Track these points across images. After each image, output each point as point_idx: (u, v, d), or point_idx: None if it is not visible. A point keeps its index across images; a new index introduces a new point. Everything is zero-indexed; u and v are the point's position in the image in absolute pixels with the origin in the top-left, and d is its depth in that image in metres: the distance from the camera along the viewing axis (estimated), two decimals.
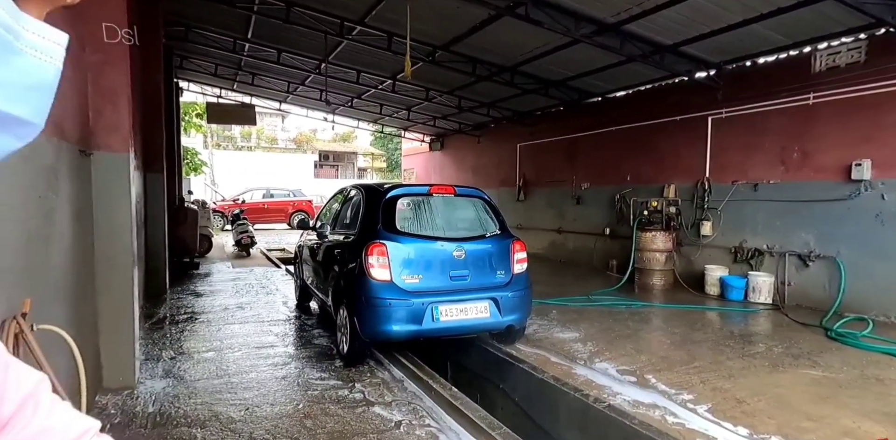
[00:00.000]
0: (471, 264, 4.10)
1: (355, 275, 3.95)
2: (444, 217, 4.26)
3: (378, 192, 4.27)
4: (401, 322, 3.80)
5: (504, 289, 4.19)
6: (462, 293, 4.03)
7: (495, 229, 4.40)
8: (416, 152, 16.89)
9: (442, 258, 4.03)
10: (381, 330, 3.81)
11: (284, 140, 34.16)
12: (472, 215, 4.44)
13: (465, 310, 4.01)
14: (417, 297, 3.86)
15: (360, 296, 3.88)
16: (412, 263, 3.93)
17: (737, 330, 5.27)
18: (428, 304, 3.86)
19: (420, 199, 4.26)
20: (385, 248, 3.84)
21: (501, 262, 4.26)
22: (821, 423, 3.02)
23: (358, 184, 5.13)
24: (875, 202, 5.43)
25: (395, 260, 3.86)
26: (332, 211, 5.42)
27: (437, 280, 3.99)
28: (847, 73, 5.64)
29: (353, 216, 4.61)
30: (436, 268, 4.00)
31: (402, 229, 4.02)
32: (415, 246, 3.98)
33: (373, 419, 3.13)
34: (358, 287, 3.91)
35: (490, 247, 4.26)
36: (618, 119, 8.73)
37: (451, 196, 4.42)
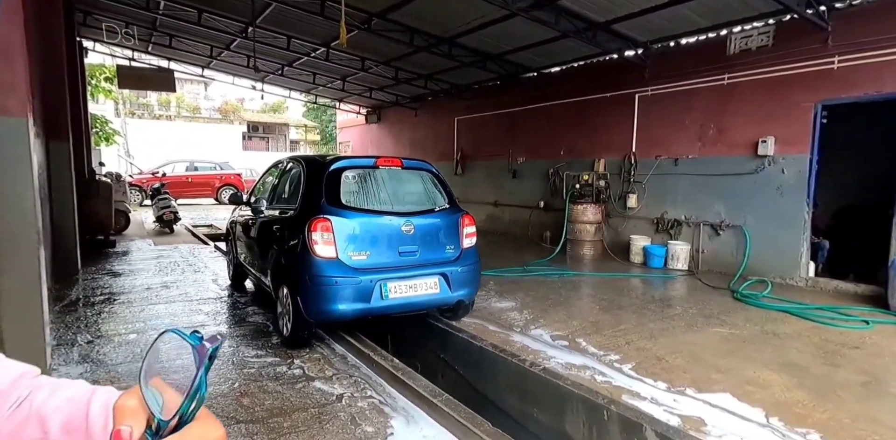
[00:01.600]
0: (420, 239, 3.99)
1: (297, 253, 3.74)
2: (391, 190, 4.10)
3: (320, 165, 4.03)
4: (348, 300, 3.67)
5: (454, 263, 4.13)
6: (411, 269, 3.93)
7: (444, 203, 4.28)
8: (352, 125, 16.40)
9: (390, 233, 3.90)
10: (328, 309, 3.66)
11: (208, 109, 31.88)
12: (421, 189, 4.31)
13: (414, 287, 3.92)
14: (365, 274, 3.73)
15: (303, 274, 3.69)
16: (359, 239, 3.78)
17: (657, 294, 5.71)
18: (376, 281, 3.74)
19: (365, 172, 4.06)
20: (329, 224, 3.66)
21: (451, 237, 4.18)
22: (727, 375, 3.37)
23: (297, 156, 4.85)
24: (777, 176, 5.98)
25: (341, 236, 3.69)
26: (268, 185, 5.10)
27: (385, 256, 3.87)
28: (757, 56, 6.07)
29: (292, 190, 4.34)
30: (384, 244, 3.88)
31: (347, 203, 3.83)
32: (361, 221, 3.81)
33: (313, 394, 3.10)
34: (301, 265, 3.71)
35: (439, 222, 4.16)
36: (553, 94, 8.90)
37: (398, 169, 4.22)
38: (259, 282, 4.86)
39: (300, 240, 3.72)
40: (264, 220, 4.62)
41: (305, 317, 3.70)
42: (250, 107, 34.86)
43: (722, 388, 3.15)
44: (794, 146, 5.79)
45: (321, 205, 3.76)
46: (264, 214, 4.65)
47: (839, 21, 5.37)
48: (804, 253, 5.85)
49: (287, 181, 4.59)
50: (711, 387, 3.16)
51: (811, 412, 2.86)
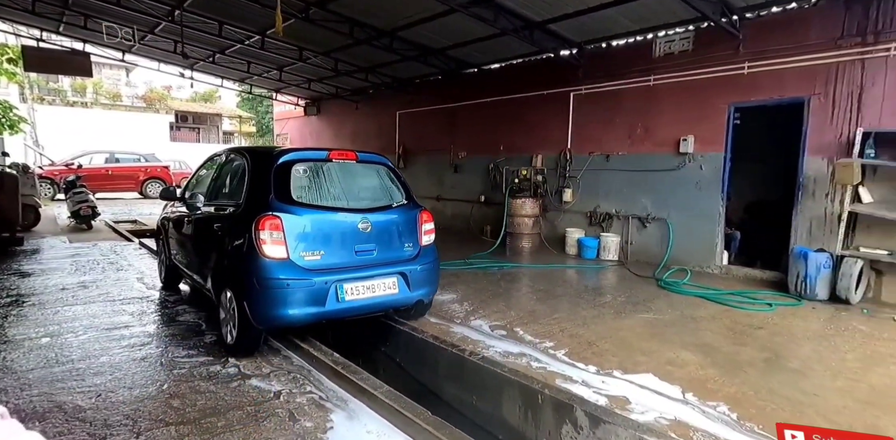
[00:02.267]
0: (377, 237, 3.78)
1: (243, 254, 3.44)
2: (345, 185, 3.84)
3: (268, 157, 3.73)
4: (301, 305, 3.40)
5: (413, 262, 3.96)
6: (368, 269, 3.71)
7: (402, 199, 4.09)
8: (290, 116, 15.87)
9: (345, 231, 3.66)
10: (279, 315, 3.39)
11: (131, 97, 29.66)
12: (377, 184, 4.08)
13: (372, 287, 3.70)
14: (319, 276, 3.47)
15: (250, 277, 3.39)
16: (312, 238, 3.52)
17: (590, 284, 6.01)
18: (331, 283, 3.50)
19: (317, 166, 3.78)
20: (279, 222, 3.38)
21: (409, 234, 4.00)
22: (651, 356, 3.62)
23: (239, 147, 4.54)
24: (696, 172, 6.45)
25: (292, 234, 3.42)
26: (206, 179, 4.71)
27: (340, 255, 3.63)
28: (679, 60, 6.49)
29: (235, 185, 4.01)
30: (339, 243, 3.64)
31: (298, 199, 3.55)
32: (314, 218, 3.55)
33: (249, 392, 3.03)
34: (247, 267, 3.41)
35: (397, 218, 3.96)
36: (493, 91, 9.06)
37: (352, 162, 3.95)
38: (197, 286, 4.52)
39: (246, 240, 3.43)
40: (202, 217, 4.29)
41: (253, 324, 3.42)
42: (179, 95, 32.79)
43: (645, 369, 3.38)
44: (711, 145, 6.26)
45: (269, 201, 3.48)
46: (202, 211, 4.32)
47: (749, 30, 5.85)
48: (719, 243, 6.36)
49: (228, 175, 4.27)
50: (636, 369, 3.39)
51: (721, 387, 3.14)
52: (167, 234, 5.27)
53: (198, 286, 4.50)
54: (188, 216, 4.58)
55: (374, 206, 3.91)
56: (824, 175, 5.38)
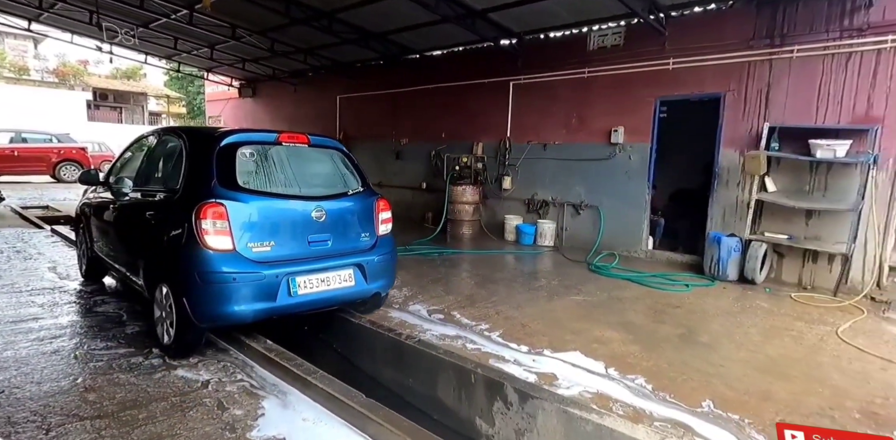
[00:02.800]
0: (332, 226, 3.55)
1: (182, 245, 3.14)
2: (297, 171, 3.57)
3: (209, 139, 3.43)
4: (248, 300, 3.14)
5: (369, 252, 3.76)
6: (323, 260, 3.49)
7: (357, 186, 3.86)
8: (224, 97, 15.06)
9: (297, 220, 3.42)
10: (224, 312, 3.11)
11: (40, 70, 26.97)
12: (331, 169, 3.85)
13: (327, 280, 3.49)
14: (269, 268, 3.21)
15: (190, 271, 3.09)
16: (261, 227, 3.25)
17: (526, 269, 6.21)
18: (283, 276, 3.25)
19: (265, 149, 3.48)
20: (224, 210, 3.08)
21: (365, 223, 3.80)
22: (579, 335, 3.82)
23: (174, 127, 4.16)
24: (625, 161, 6.79)
25: (238, 224, 3.14)
26: (134, 161, 4.34)
27: (292, 246, 3.38)
28: (611, 54, 6.76)
29: (170, 169, 3.69)
30: (291, 233, 3.39)
31: (244, 186, 3.27)
32: (263, 205, 3.29)
33: (174, 382, 2.91)
34: (187, 259, 3.12)
35: (353, 206, 3.75)
36: (434, 77, 9.04)
37: (304, 146, 3.68)
38: (126, 280, 4.15)
39: (185, 230, 3.12)
40: (131, 204, 3.94)
41: (195, 322, 3.15)
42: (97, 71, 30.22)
43: (573, 347, 3.57)
44: (639, 136, 6.60)
45: (212, 187, 3.18)
46: (130, 198, 3.97)
47: (674, 27, 6.18)
48: (645, 229, 6.75)
49: (162, 158, 3.94)
50: (565, 347, 3.57)
51: (639, 361, 3.38)
52: (88, 222, 4.82)
53: (127, 280, 4.13)
54: (114, 203, 4.20)
55: (328, 193, 3.68)
56: (736, 166, 5.83)
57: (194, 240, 3.08)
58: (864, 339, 3.94)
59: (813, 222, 5.43)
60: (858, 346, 3.78)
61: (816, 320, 4.38)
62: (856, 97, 5.09)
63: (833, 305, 4.80)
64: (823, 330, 4.13)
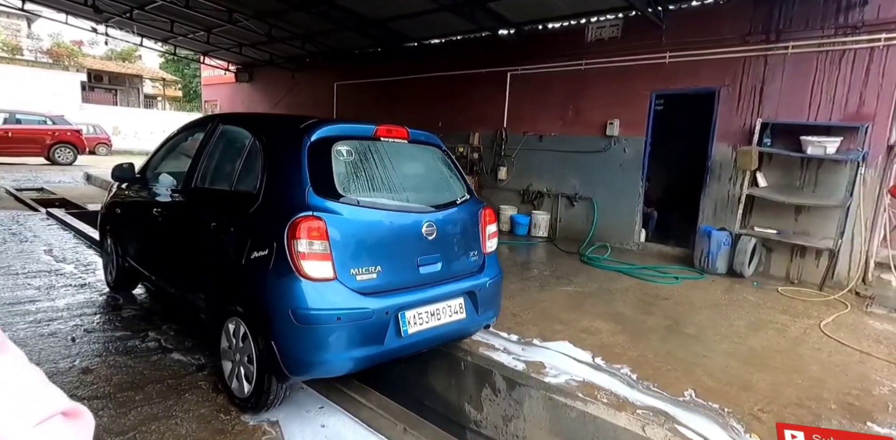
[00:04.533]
0: (442, 245, 2.85)
1: (269, 272, 2.43)
2: (398, 175, 2.85)
3: (295, 131, 2.69)
4: (354, 344, 2.47)
5: (479, 276, 3.06)
6: (433, 287, 2.79)
7: (463, 193, 3.14)
8: (220, 82, 14.93)
9: (407, 238, 2.73)
10: (324, 361, 2.45)
11: (34, 50, 26.57)
12: (434, 172, 3.13)
13: (437, 313, 2.79)
14: (377, 302, 2.52)
15: (282, 306, 2.38)
16: (366, 248, 2.57)
17: (519, 259, 6.29)
18: (393, 312, 2.57)
19: (363, 146, 2.75)
20: (324, 226, 2.39)
21: (472, 239, 3.08)
22: (568, 325, 3.90)
23: (237, 115, 3.56)
24: (620, 154, 6.83)
25: (339, 244, 2.44)
26: (181, 156, 3.64)
27: (400, 272, 2.69)
28: (608, 46, 6.76)
29: (238, 168, 2.89)
30: (399, 254, 2.70)
31: (345, 194, 2.54)
32: (369, 220, 2.60)
33: (171, 365, 2.98)
34: (276, 292, 2.42)
35: (461, 219, 3.03)
36: (432, 66, 9.00)
37: (403, 142, 2.95)
38: (187, 302, 3.32)
39: (273, 252, 2.41)
40: (183, 208, 3.27)
41: (284, 372, 2.44)
42: (92, 52, 29.80)
43: (562, 337, 3.65)
44: (634, 129, 6.64)
45: (306, 195, 2.45)
46: (177, 200, 3.31)
47: (672, 21, 6.17)
48: (638, 222, 6.83)
49: (222, 153, 3.17)
50: (554, 337, 3.65)
51: (626, 351, 3.47)
52: (119, 225, 4.13)
53: (187, 302, 3.35)
54: (157, 205, 3.52)
55: (436, 203, 2.93)
56: (729, 160, 5.89)
57: (286, 265, 2.36)
58: (846, 333, 4.04)
59: (802, 218, 5.51)
60: (839, 340, 3.88)
61: (801, 314, 4.48)
62: (848, 94, 5.14)
63: (818, 300, 4.90)
64: (807, 323, 4.23)
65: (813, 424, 2.66)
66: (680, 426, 2.58)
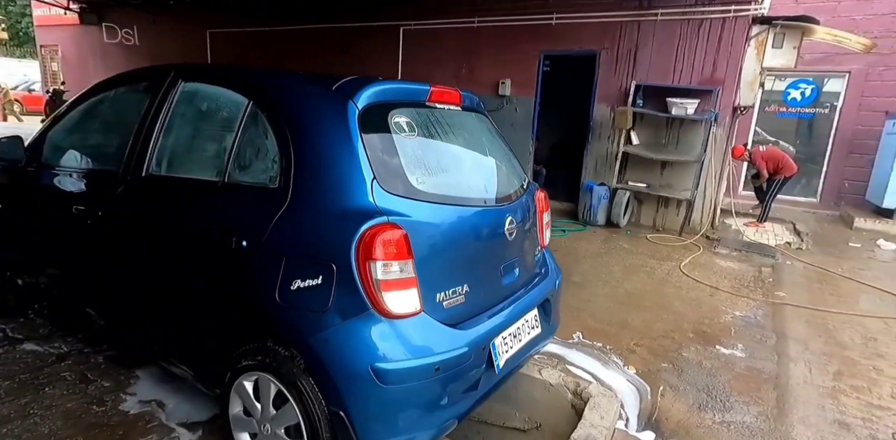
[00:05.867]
0: (517, 245, 2.19)
1: (327, 310, 1.59)
2: (462, 155, 2.14)
3: (328, 93, 1.80)
4: (453, 400, 1.78)
5: (546, 278, 2.40)
6: (513, 300, 2.11)
7: (523, 173, 2.44)
8: (61, 23, 12.47)
9: (491, 240, 2.03)
10: (419, 430, 1.73)
11: None
12: (494, 149, 2.31)
13: (519, 333, 2.11)
14: (468, 333, 1.80)
15: (354, 360, 1.59)
16: (450, 262, 1.83)
17: None
18: (486, 345, 1.89)
19: (419, 116, 1.93)
20: (405, 237, 1.61)
21: (534, 233, 2.38)
22: None
23: (218, 68, 2.52)
24: (511, 113, 7.02)
25: (422, 260, 1.67)
26: (103, 126, 2.57)
27: (486, 286, 2.01)
28: (501, 4, 6.75)
29: (235, 149, 1.90)
30: (483, 263, 2.01)
31: (419, 187, 1.76)
32: (451, 221, 1.85)
33: (23, 358, 2.58)
34: (342, 338, 1.60)
35: (529, 207, 2.31)
36: (321, 16, 8.32)
37: (456, 109, 2.15)
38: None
39: (330, 280, 1.58)
40: (133, 207, 2.16)
41: None
42: None
43: None
44: (525, 89, 6.82)
45: (371, 191, 1.64)
46: (120, 193, 2.17)
47: None
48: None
49: (197, 125, 2.17)
50: None
51: None
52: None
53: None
54: (75, 201, 2.35)
55: (508, 190, 2.19)
56: (608, 120, 6.33)
57: (356, 300, 1.57)
58: (700, 272, 4.69)
59: (666, 172, 6.17)
60: (695, 278, 4.50)
61: (665, 257, 5.10)
62: (704, 60, 5.72)
63: (678, 244, 5.60)
64: (670, 265, 4.83)
65: (675, 352, 3.09)
66: (571, 366, 2.84)
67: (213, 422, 2.15)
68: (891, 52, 7.61)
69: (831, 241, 6.22)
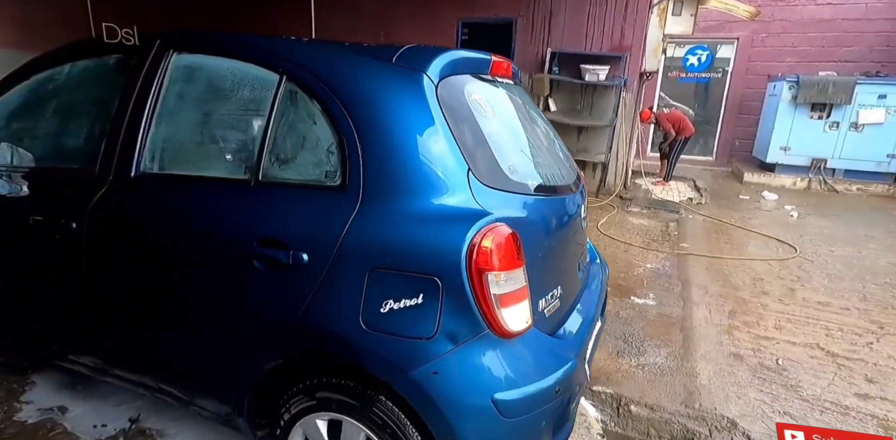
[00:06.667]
0: (584, 235, 2.05)
1: (433, 336, 1.28)
2: (526, 136, 1.81)
3: (390, 65, 1.44)
4: (565, 422, 1.60)
5: (596, 265, 2.27)
6: (586, 297, 1.96)
7: (568, 153, 2.15)
8: None
9: (573, 233, 1.84)
10: None
11: None
12: (545, 128, 2.04)
13: (591, 331, 1.86)
14: (569, 340, 1.64)
15: (469, 393, 1.30)
16: (547, 262, 1.61)
17: None
18: (584, 352, 1.71)
19: (489, 91, 1.69)
20: (516, 241, 1.32)
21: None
22: None
23: (223, 36, 1.73)
24: None
25: (528, 265, 1.39)
26: (50, 112, 2.00)
27: (571, 287, 1.83)
28: None
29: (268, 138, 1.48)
30: (569, 261, 1.83)
31: (512, 177, 1.49)
32: (544, 215, 1.62)
33: None
34: (453, 368, 1.29)
35: (583, 192, 2.09)
36: None
37: (510, 82, 1.92)
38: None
39: (436, 299, 1.27)
40: (120, 213, 1.69)
41: None
42: None
43: None
44: None
45: (469, 186, 1.34)
46: (104, 196, 1.67)
47: None
48: None
49: (204, 109, 1.72)
50: None
51: None
52: None
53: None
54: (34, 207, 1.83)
55: (573, 174, 1.99)
56: (527, 87, 6.47)
57: (469, 320, 1.29)
58: (615, 229, 5.07)
59: (583, 137, 6.48)
60: (611, 235, 4.86)
61: None
62: (613, 27, 5.97)
63: (595, 205, 5.98)
64: (589, 226, 5.16)
65: None
66: None
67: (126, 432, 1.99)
68: (772, 19, 8.36)
69: (726, 195, 6.93)
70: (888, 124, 7.16)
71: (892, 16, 7.95)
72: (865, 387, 2.49)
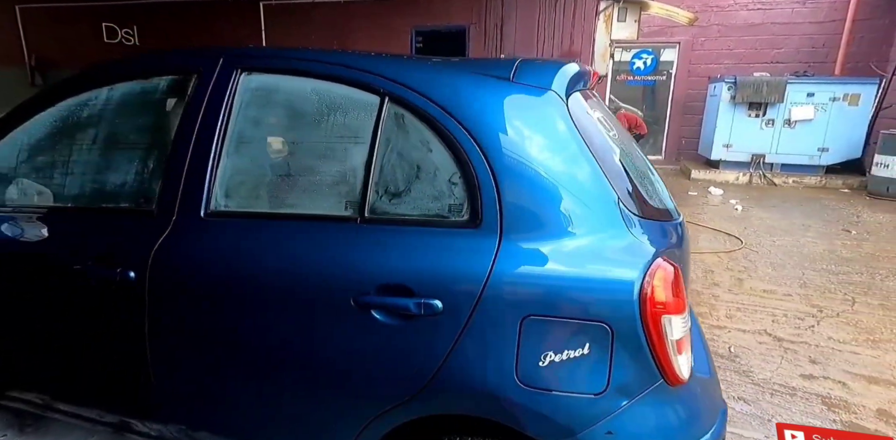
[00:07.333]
0: None
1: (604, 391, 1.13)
2: (635, 154, 1.68)
3: (509, 85, 1.27)
4: None
5: None
6: None
7: None
8: None
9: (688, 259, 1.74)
10: None
11: None
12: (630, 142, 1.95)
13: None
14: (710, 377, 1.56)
15: None
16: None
17: None
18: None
19: (598, 106, 1.57)
20: (680, 278, 1.19)
21: None
22: None
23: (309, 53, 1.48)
24: None
25: None
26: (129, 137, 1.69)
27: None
28: None
29: (377, 170, 1.28)
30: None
31: (651, 202, 1.39)
32: (679, 244, 1.44)
33: None
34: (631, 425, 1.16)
35: None
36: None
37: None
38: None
39: (605, 348, 1.12)
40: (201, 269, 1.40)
41: None
42: None
43: None
44: None
45: (622, 217, 1.19)
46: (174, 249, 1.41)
47: None
48: None
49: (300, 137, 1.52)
50: None
51: None
52: None
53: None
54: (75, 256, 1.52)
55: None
56: None
57: (643, 370, 1.15)
58: None
59: None
60: None
61: None
62: (563, 34, 6.19)
63: None
64: None
65: None
66: None
67: None
68: (709, 24, 8.85)
69: (675, 192, 7.18)
70: (817, 120, 7.70)
71: (816, 19, 8.58)
72: (810, 367, 2.69)
